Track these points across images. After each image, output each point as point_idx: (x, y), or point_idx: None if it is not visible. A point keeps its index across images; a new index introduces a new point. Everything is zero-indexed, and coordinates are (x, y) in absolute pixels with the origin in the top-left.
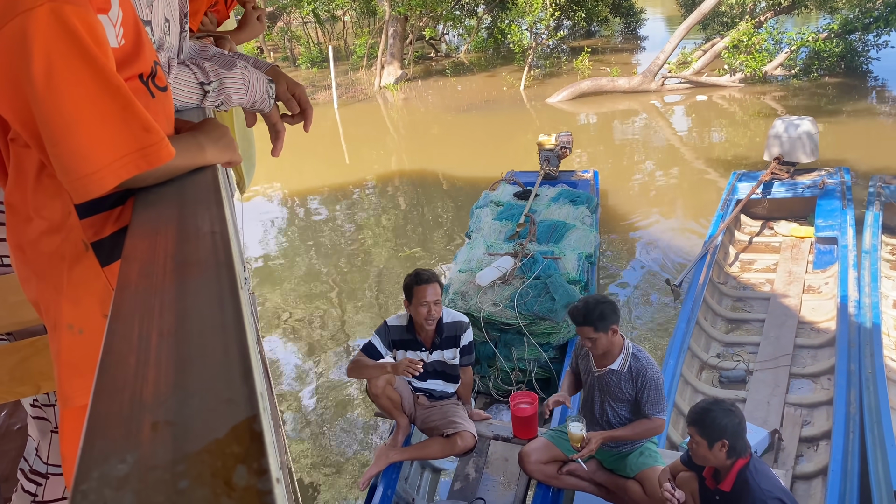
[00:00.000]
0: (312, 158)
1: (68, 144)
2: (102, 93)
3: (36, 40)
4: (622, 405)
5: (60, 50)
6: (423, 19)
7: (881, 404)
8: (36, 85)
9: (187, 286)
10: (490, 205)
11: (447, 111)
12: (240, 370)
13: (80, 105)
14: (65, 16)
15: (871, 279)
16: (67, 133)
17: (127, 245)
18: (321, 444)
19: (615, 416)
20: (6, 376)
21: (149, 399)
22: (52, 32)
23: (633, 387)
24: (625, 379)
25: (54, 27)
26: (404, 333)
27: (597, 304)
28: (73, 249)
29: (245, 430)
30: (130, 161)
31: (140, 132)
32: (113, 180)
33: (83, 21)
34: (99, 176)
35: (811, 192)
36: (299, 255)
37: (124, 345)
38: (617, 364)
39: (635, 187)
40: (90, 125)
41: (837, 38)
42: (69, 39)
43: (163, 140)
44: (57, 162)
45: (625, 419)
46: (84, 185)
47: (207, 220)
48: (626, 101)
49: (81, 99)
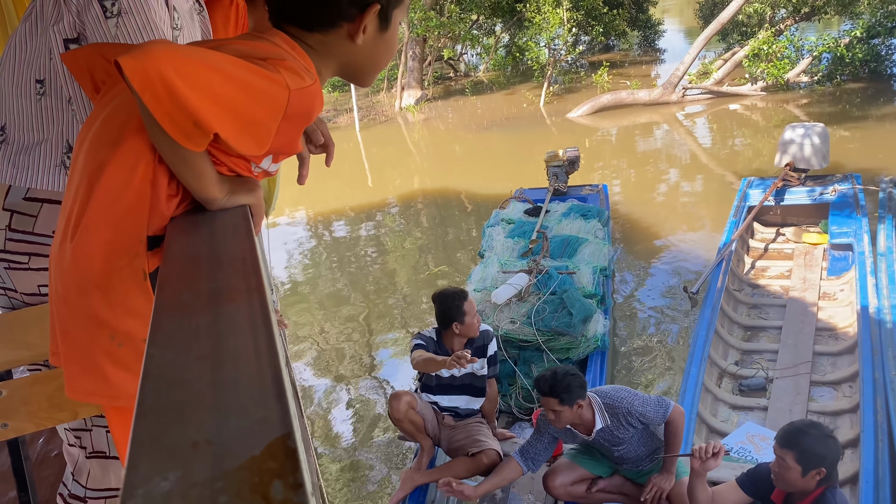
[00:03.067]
0: (336, 181)
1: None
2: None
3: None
4: (632, 441)
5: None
6: (441, 40)
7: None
8: None
9: (221, 311)
10: (501, 223)
11: (468, 130)
12: (273, 391)
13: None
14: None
15: (888, 282)
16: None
17: (162, 272)
18: (347, 467)
19: (632, 450)
20: (45, 403)
21: (188, 420)
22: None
23: (628, 425)
24: (615, 426)
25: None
26: (435, 348)
27: (565, 376)
28: (136, 276)
29: (280, 447)
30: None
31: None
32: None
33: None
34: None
35: (823, 199)
36: (325, 278)
37: (163, 370)
38: (599, 422)
39: (657, 198)
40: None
41: (860, 44)
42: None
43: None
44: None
45: (638, 447)
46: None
47: (238, 248)
48: (647, 113)
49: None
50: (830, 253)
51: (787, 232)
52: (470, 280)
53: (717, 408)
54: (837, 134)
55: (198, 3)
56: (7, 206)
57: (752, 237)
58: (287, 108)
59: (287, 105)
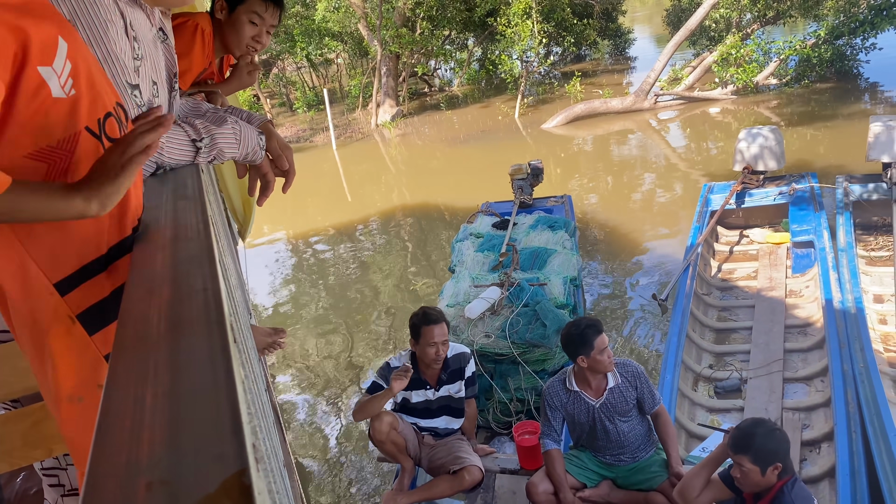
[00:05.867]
0: (315, 199)
1: None
2: None
3: None
4: (630, 414)
5: None
6: (414, 56)
7: (878, 398)
8: None
9: (180, 345)
10: (470, 237)
11: (444, 144)
12: (230, 425)
13: None
14: None
15: (850, 276)
16: None
17: (122, 308)
18: (330, 489)
19: (631, 428)
20: (19, 441)
21: (143, 460)
22: None
23: (633, 389)
24: (624, 387)
25: None
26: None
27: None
28: (61, 324)
29: (235, 484)
30: None
31: None
32: None
33: None
34: None
35: (782, 199)
36: (307, 296)
37: (120, 408)
38: (612, 381)
39: (631, 204)
40: None
41: (826, 45)
42: None
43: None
44: None
45: (637, 426)
46: None
47: (200, 279)
48: (620, 121)
49: None
50: (793, 251)
51: (750, 233)
52: (442, 296)
53: (694, 412)
54: (808, 134)
55: (161, 31)
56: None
57: (717, 241)
58: None
59: None
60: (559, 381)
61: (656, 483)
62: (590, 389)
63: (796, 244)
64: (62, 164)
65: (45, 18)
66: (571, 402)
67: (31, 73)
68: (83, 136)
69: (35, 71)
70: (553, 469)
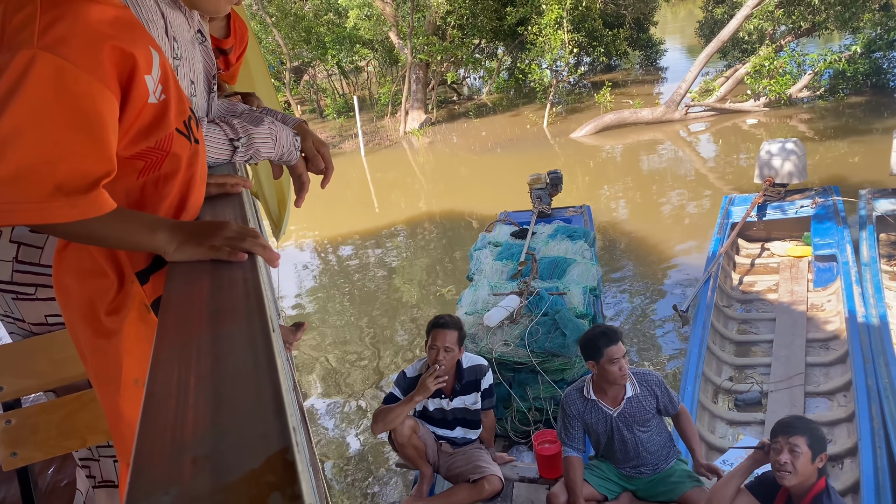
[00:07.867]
0: (342, 205)
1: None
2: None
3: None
4: (650, 423)
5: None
6: (444, 64)
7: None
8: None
9: (222, 332)
10: (489, 246)
11: (472, 152)
12: (272, 406)
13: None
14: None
15: (874, 291)
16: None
17: (164, 296)
18: (350, 493)
19: (650, 438)
20: (54, 431)
21: (189, 438)
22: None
23: (653, 397)
24: (643, 396)
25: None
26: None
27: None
28: (138, 312)
29: (278, 461)
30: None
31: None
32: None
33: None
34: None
35: (804, 212)
36: (333, 301)
37: (165, 389)
38: (630, 390)
39: (659, 215)
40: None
41: (861, 58)
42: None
43: (88, 202)
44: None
45: (656, 436)
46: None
47: (239, 269)
48: (650, 131)
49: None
50: (815, 265)
51: (771, 246)
52: (461, 304)
53: (714, 424)
54: (840, 147)
55: (200, 32)
56: (14, 239)
57: (738, 253)
58: (66, 81)
59: (65, 77)
60: (577, 389)
61: (679, 493)
62: (607, 398)
63: (818, 258)
64: (158, 160)
65: (142, 30)
66: (588, 410)
67: (139, 82)
68: (175, 137)
69: (142, 80)
70: (569, 475)
